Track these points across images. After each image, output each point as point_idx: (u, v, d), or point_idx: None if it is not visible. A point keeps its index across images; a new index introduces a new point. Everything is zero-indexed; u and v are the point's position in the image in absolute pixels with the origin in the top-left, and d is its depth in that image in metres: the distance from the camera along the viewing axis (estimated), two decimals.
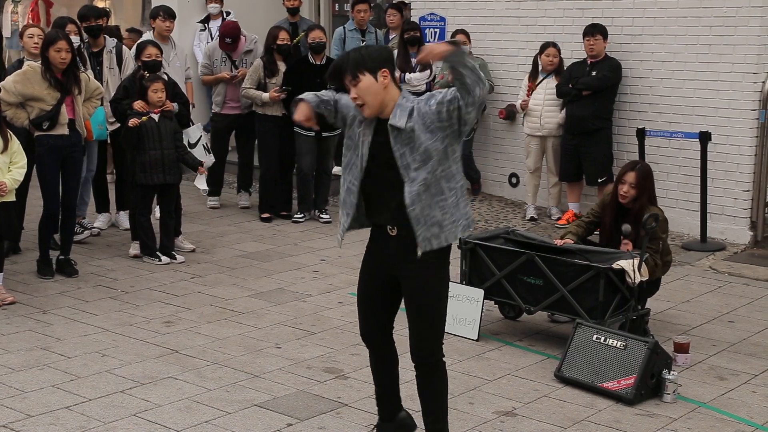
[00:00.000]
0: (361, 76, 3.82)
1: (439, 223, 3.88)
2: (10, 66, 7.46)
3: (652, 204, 5.84)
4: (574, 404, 4.92)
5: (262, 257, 7.60)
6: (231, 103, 8.98)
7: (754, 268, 7.38)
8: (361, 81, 3.83)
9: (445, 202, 3.89)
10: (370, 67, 3.82)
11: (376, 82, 3.83)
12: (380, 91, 3.84)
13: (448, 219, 3.90)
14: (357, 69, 3.83)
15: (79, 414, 4.69)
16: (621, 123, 8.53)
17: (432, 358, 4.07)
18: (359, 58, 3.84)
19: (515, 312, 6.13)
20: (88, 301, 6.44)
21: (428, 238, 3.88)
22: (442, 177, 3.86)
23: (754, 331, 6.04)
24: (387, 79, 3.84)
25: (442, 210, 3.88)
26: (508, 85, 9.27)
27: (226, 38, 8.94)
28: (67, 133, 6.76)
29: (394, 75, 3.92)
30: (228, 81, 8.89)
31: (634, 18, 8.42)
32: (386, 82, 3.84)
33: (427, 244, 3.88)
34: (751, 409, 4.90)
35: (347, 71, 3.85)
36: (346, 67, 3.86)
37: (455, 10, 9.65)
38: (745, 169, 7.90)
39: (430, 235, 3.88)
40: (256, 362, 5.41)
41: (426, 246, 3.88)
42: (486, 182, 9.60)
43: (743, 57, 7.80)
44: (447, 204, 3.89)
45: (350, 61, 3.85)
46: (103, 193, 8.33)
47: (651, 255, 5.61)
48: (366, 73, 3.82)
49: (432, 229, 3.88)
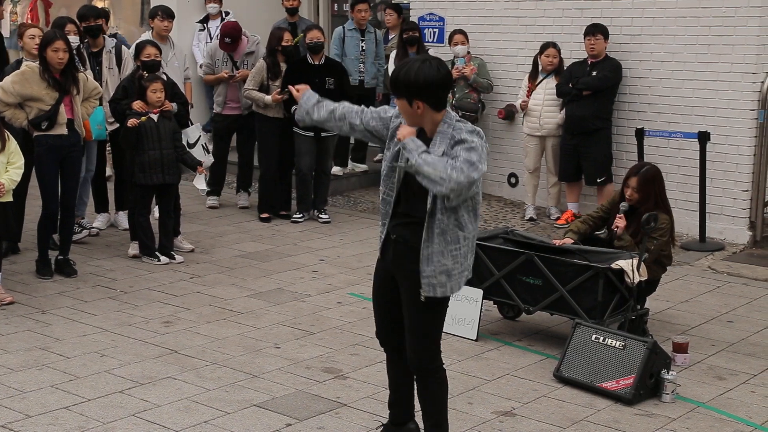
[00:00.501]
0: (400, 97, 3.82)
1: (448, 273, 3.87)
2: (8, 66, 7.45)
3: (659, 208, 5.73)
4: (573, 404, 4.92)
5: (261, 257, 7.60)
6: (232, 104, 8.98)
7: (753, 268, 7.38)
8: (401, 101, 3.83)
9: (459, 251, 3.87)
10: (407, 92, 3.79)
11: (410, 108, 3.81)
12: (415, 115, 3.82)
13: (458, 269, 3.89)
14: (396, 89, 3.83)
15: (78, 414, 4.69)
16: (620, 123, 8.54)
17: (431, 365, 4.07)
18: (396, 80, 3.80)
19: (514, 312, 6.13)
20: (87, 301, 6.44)
21: (434, 285, 3.87)
22: (457, 225, 3.83)
23: (753, 331, 6.04)
24: (421, 110, 3.80)
25: (454, 259, 3.86)
26: (507, 85, 9.28)
27: (225, 38, 8.93)
28: (66, 133, 6.75)
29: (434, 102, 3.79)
30: (227, 80, 8.88)
31: (633, 18, 8.42)
32: (420, 112, 3.81)
33: (431, 290, 3.87)
34: (749, 409, 4.90)
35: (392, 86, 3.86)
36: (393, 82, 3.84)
37: (454, 10, 9.65)
38: (744, 169, 7.90)
39: (436, 282, 3.86)
40: (255, 362, 5.41)
41: (429, 292, 3.87)
42: (485, 182, 9.60)
43: (742, 57, 7.81)
44: (459, 254, 3.87)
45: (394, 78, 3.82)
46: (102, 193, 8.32)
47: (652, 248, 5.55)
48: (402, 98, 3.81)
49: (440, 278, 3.86)
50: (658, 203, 5.78)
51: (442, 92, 3.81)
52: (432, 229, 3.82)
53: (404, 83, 3.78)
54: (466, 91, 9.03)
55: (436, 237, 3.82)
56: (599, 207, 6.11)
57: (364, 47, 9.60)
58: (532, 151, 8.71)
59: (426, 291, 3.87)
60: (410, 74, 3.77)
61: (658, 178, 5.82)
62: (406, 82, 3.78)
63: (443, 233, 3.82)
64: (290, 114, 8.62)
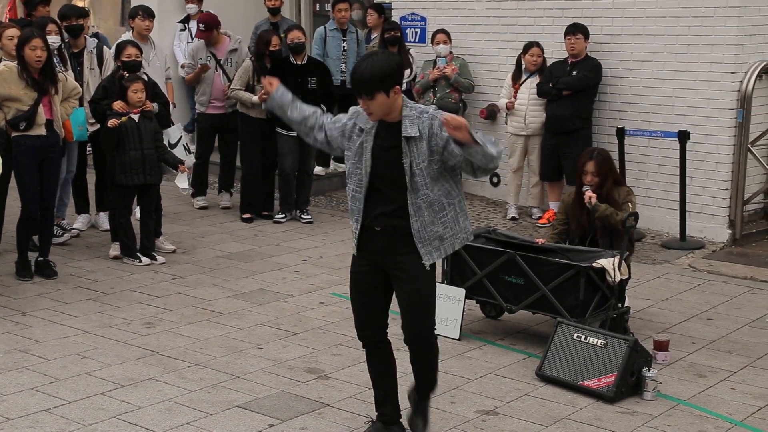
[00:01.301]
0: (377, 95, 3.97)
1: (440, 237, 4.11)
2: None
3: (619, 185, 5.94)
4: (556, 402, 4.94)
5: (243, 258, 7.58)
6: (216, 103, 8.95)
7: (732, 266, 7.43)
8: (377, 99, 3.98)
9: (446, 216, 4.10)
10: (386, 86, 3.96)
11: (388, 99, 3.99)
12: (391, 104, 4.02)
13: (449, 233, 4.13)
14: (374, 89, 3.95)
15: (59, 417, 4.66)
16: (601, 122, 8.57)
17: (432, 336, 4.26)
18: (376, 79, 3.94)
19: (497, 311, 6.14)
20: (67, 302, 6.40)
21: (430, 252, 4.10)
22: (442, 194, 4.06)
23: (733, 329, 6.09)
24: (398, 94, 4.01)
25: (443, 225, 4.11)
26: (488, 84, 9.30)
27: (200, 25, 8.95)
28: (45, 133, 6.71)
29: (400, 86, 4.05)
30: (204, 70, 8.82)
31: (613, 18, 8.46)
32: (397, 96, 4.01)
33: (429, 257, 4.10)
34: (729, 406, 4.93)
35: (362, 90, 3.98)
36: (362, 86, 3.97)
37: (436, 10, 9.66)
38: (724, 168, 7.96)
39: (431, 248, 4.10)
40: (237, 363, 5.40)
41: (429, 259, 4.10)
42: (467, 182, 9.61)
43: (721, 57, 7.86)
44: (447, 219, 4.11)
45: (366, 81, 3.96)
46: (83, 194, 8.28)
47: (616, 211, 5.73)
48: (381, 92, 3.96)
49: (434, 243, 4.10)
50: (616, 180, 5.97)
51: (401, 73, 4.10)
52: (419, 204, 4.04)
53: (381, 76, 3.94)
54: (447, 90, 9.04)
55: (425, 210, 4.05)
56: (554, 223, 6.18)
57: (345, 47, 9.59)
58: (516, 151, 8.72)
59: (426, 259, 4.09)
60: (382, 66, 3.96)
61: (609, 157, 6.04)
62: (382, 75, 3.94)
63: (431, 205, 4.05)
64: (273, 114, 8.60)
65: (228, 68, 8.93)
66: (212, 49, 8.96)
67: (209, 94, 8.92)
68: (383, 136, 4.06)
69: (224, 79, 8.90)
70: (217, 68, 8.91)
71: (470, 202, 9.36)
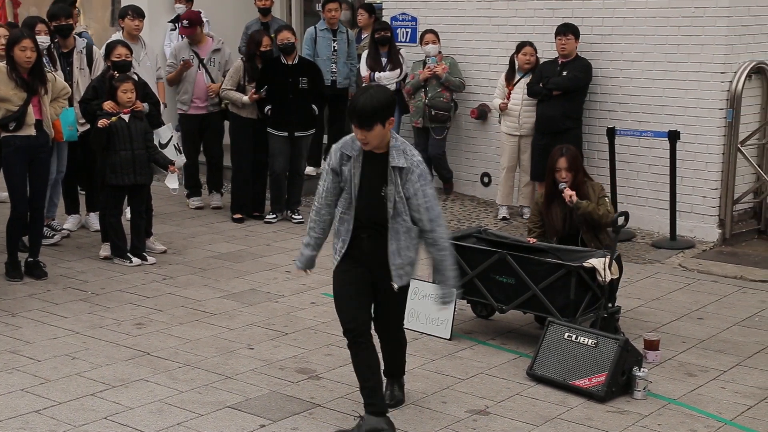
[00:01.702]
0: (375, 126, 4.27)
1: (412, 263, 4.48)
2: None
3: (588, 178, 6.09)
4: (546, 402, 4.95)
5: (234, 258, 7.57)
6: (198, 102, 8.93)
7: (722, 265, 7.46)
8: (374, 130, 4.27)
9: (417, 246, 4.46)
10: (383, 117, 4.28)
11: (384, 129, 4.31)
12: (385, 134, 4.34)
13: (416, 259, 4.51)
14: (374, 121, 4.25)
15: (49, 418, 4.65)
16: (591, 122, 8.59)
17: (400, 331, 4.72)
18: (372, 111, 4.24)
19: (488, 311, 6.15)
20: (57, 303, 6.38)
21: (401, 276, 4.44)
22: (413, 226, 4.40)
23: (723, 328, 6.11)
24: (391, 125, 4.34)
25: (415, 251, 4.47)
26: (479, 84, 9.31)
27: (183, 21, 8.94)
28: (35, 133, 6.69)
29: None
30: (187, 67, 8.80)
31: (603, 18, 8.48)
32: (390, 127, 4.34)
33: (399, 280, 4.45)
34: (720, 405, 4.95)
35: (363, 123, 4.26)
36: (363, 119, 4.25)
37: (426, 10, 9.67)
38: (714, 167, 7.98)
39: (403, 273, 4.44)
40: (228, 363, 5.39)
41: (399, 282, 4.44)
42: (458, 182, 9.63)
43: (711, 57, 7.89)
44: (417, 247, 4.48)
45: (368, 113, 4.24)
46: (73, 194, 8.26)
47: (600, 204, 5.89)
48: (378, 124, 4.27)
49: (406, 268, 4.45)
50: (585, 173, 6.11)
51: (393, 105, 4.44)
52: (396, 229, 4.37)
53: (379, 107, 4.25)
54: (439, 90, 9.05)
55: (402, 235, 4.38)
56: (531, 228, 6.19)
57: (336, 47, 9.59)
58: (509, 150, 8.71)
59: (397, 281, 4.43)
60: (380, 99, 4.29)
61: (578, 153, 6.21)
62: (381, 107, 4.26)
63: (408, 231, 4.39)
64: (263, 114, 8.60)
65: (211, 68, 8.92)
66: (195, 48, 8.94)
67: (191, 92, 8.89)
68: (370, 164, 4.37)
69: (207, 79, 8.88)
70: (200, 67, 8.89)
71: (461, 203, 9.37)
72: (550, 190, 6.02)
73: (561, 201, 5.98)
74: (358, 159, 4.38)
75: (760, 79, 8.15)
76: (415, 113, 9.21)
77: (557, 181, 5.95)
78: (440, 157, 9.29)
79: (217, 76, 8.94)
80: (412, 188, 4.32)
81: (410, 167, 4.33)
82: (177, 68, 8.88)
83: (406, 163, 4.33)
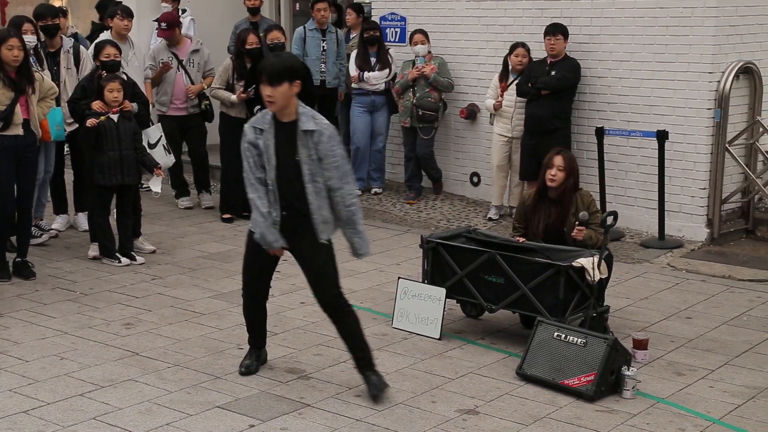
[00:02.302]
0: (282, 83, 4.62)
1: (326, 221, 4.79)
2: None
3: (577, 189, 5.93)
4: (536, 401, 4.96)
5: (223, 258, 7.56)
6: (177, 103, 8.89)
7: (710, 264, 7.49)
8: (281, 86, 4.63)
9: (329, 203, 4.77)
10: (291, 77, 4.64)
11: (290, 90, 4.67)
12: (290, 97, 4.69)
13: (331, 218, 4.82)
14: (281, 78, 4.62)
15: (38, 418, 4.63)
16: (580, 122, 8.61)
17: (338, 299, 4.89)
18: (282, 68, 4.63)
19: (477, 310, 6.16)
20: (46, 303, 6.36)
21: (323, 230, 4.79)
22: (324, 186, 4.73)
23: (711, 327, 6.13)
24: (297, 88, 4.68)
25: (329, 210, 4.79)
26: (468, 84, 9.31)
27: (161, 24, 8.90)
28: (22, 133, 6.66)
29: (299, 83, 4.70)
30: (166, 69, 8.78)
31: (592, 18, 8.50)
32: (296, 90, 4.68)
33: (324, 234, 4.80)
34: (708, 404, 4.97)
35: (270, 78, 4.63)
36: (270, 74, 4.62)
37: (415, 10, 9.67)
38: (702, 167, 8.01)
39: (324, 228, 4.79)
40: (217, 363, 5.38)
41: (323, 235, 4.79)
42: (447, 181, 9.63)
43: (699, 57, 7.92)
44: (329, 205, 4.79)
45: (276, 69, 4.63)
46: (61, 194, 8.22)
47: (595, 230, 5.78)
48: (285, 82, 4.63)
49: (326, 225, 4.79)
50: (576, 183, 5.95)
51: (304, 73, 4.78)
52: (311, 191, 4.71)
53: (286, 67, 4.63)
54: (427, 90, 9.06)
55: (316, 195, 4.72)
56: (516, 226, 6.15)
57: (325, 47, 9.58)
58: (498, 150, 8.70)
59: (322, 236, 4.79)
60: (289, 59, 4.78)
61: (575, 159, 6.08)
62: (287, 66, 4.65)
63: (319, 192, 4.73)
64: (253, 114, 8.58)
65: (190, 69, 8.89)
66: (174, 49, 8.91)
67: (170, 94, 8.86)
68: (282, 132, 4.72)
69: (186, 80, 8.86)
70: (179, 69, 8.86)
71: (451, 202, 9.38)
72: (540, 191, 5.98)
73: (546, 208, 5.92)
74: (270, 130, 4.72)
75: (748, 79, 8.18)
76: (403, 113, 9.22)
77: (548, 178, 5.90)
78: (428, 157, 9.29)
79: (196, 77, 8.91)
80: (323, 148, 4.65)
81: (320, 130, 4.66)
82: (156, 70, 8.85)
83: (316, 127, 4.66)
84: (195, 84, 8.87)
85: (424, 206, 9.22)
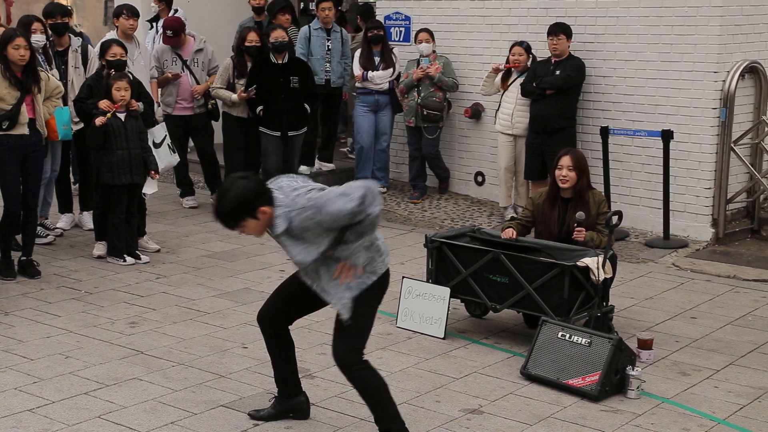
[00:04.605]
0: (244, 223, 4.08)
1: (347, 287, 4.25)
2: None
3: (591, 188, 5.93)
4: (540, 401, 4.95)
5: (227, 257, 7.57)
6: (183, 103, 8.88)
7: (715, 264, 7.48)
8: (247, 223, 4.09)
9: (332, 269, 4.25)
10: (246, 211, 4.04)
11: (260, 221, 4.09)
12: (264, 222, 4.11)
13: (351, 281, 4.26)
14: (236, 220, 4.07)
15: (43, 417, 4.64)
16: (585, 121, 8.60)
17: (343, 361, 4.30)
18: (232, 211, 4.06)
19: (481, 310, 6.16)
20: (51, 302, 6.37)
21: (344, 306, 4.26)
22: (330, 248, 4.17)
23: (716, 327, 6.12)
24: (267, 213, 4.07)
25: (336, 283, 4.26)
26: (473, 84, 9.30)
27: (167, 31, 8.88)
28: (28, 132, 6.67)
29: (268, 201, 4.08)
30: (175, 78, 8.79)
31: (597, 17, 8.49)
32: (267, 215, 4.07)
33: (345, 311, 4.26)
34: (713, 404, 4.96)
35: (228, 227, 4.12)
36: (226, 222, 4.09)
37: (420, 9, 9.67)
38: (707, 167, 8.00)
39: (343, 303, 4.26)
40: (222, 362, 5.39)
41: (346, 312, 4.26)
42: (452, 181, 9.63)
43: (704, 56, 7.91)
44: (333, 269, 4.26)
45: (227, 217, 4.07)
46: (66, 193, 8.24)
47: (598, 232, 5.75)
48: (247, 218, 4.06)
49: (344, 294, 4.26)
50: (589, 181, 5.92)
51: (263, 192, 4.10)
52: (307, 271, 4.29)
53: (233, 209, 4.04)
54: (432, 89, 9.06)
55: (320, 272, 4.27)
56: (522, 215, 6.14)
57: (330, 46, 9.58)
58: (505, 149, 8.69)
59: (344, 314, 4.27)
60: (235, 198, 4.03)
61: (585, 158, 6.04)
62: (234, 206, 4.03)
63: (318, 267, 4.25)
64: (254, 114, 8.59)
65: (194, 68, 8.89)
66: (178, 50, 8.90)
67: (175, 94, 8.85)
68: None
69: (191, 80, 8.85)
70: (184, 69, 8.86)
71: (455, 202, 9.37)
72: (552, 191, 5.97)
73: (561, 207, 5.92)
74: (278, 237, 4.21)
75: (753, 79, 8.17)
76: (407, 112, 9.22)
77: (558, 179, 5.89)
78: (435, 157, 9.30)
79: (201, 77, 8.90)
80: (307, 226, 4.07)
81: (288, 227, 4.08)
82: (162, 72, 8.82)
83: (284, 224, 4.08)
84: (200, 83, 8.88)
85: (428, 205, 9.22)
